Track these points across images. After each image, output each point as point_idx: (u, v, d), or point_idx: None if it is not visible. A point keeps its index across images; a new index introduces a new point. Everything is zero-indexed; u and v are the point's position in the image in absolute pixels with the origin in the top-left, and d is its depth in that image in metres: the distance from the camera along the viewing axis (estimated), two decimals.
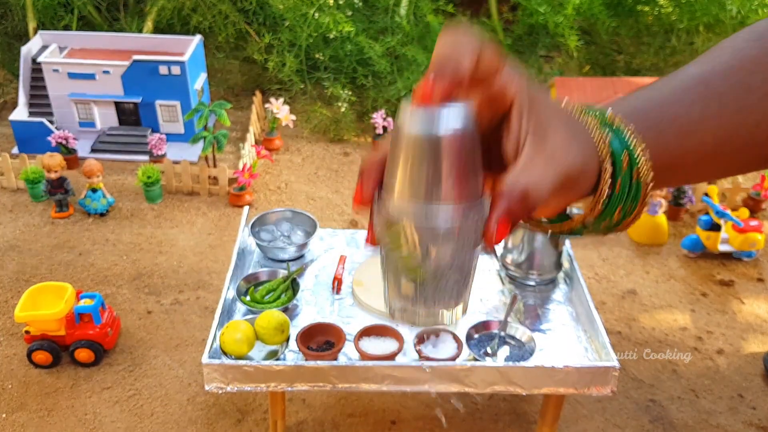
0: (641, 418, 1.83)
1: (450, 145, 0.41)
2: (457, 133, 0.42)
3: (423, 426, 1.79)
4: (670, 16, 3.04)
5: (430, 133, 0.41)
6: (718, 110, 0.54)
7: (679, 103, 0.54)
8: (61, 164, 2.44)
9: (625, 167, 0.50)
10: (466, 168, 0.43)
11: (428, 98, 0.41)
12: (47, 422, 1.76)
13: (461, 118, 0.42)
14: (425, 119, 0.41)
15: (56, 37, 2.93)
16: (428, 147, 0.41)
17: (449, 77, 0.42)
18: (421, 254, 0.44)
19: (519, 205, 0.44)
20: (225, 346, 1.45)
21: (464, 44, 0.43)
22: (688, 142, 0.54)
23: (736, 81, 0.55)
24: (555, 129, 0.46)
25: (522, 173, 0.45)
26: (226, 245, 2.37)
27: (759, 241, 2.33)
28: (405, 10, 2.98)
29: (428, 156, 0.41)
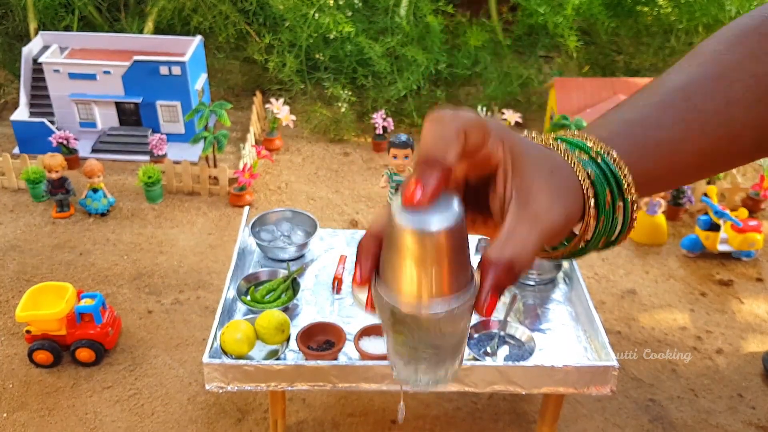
0: (641, 418, 1.84)
1: (441, 244, 0.43)
2: (447, 232, 0.43)
3: (423, 425, 1.79)
4: (670, 17, 3.04)
5: (421, 234, 0.42)
6: (700, 127, 0.54)
7: (661, 126, 0.54)
8: (62, 164, 2.44)
9: (608, 206, 0.51)
10: (457, 262, 0.44)
11: (417, 202, 0.42)
12: (48, 421, 1.77)
13: (450, 218, 0.43)
14: (415, 221, 0.42)
15: (57, 38, 2.94)
16: (420, 247, 0.43)
17: (435, 177, 0.43)
18: (416, 338, 0.47)
19: (506, 276, 0.46)
20: (225, 345, 1.45)
21: (449, 134, 0.44)
22: (671, 161, 0.54)
23: (716, 94, 0.55)
24: (538, 189, 0.48)
25: (507, 244, 0.46)
26: (227, 245, 2.37)
27: (758, 240, 2.34)
28: (405, 10, 2.99)
29: (420, 255, 0.43)
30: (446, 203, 0.43)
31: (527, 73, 3.12)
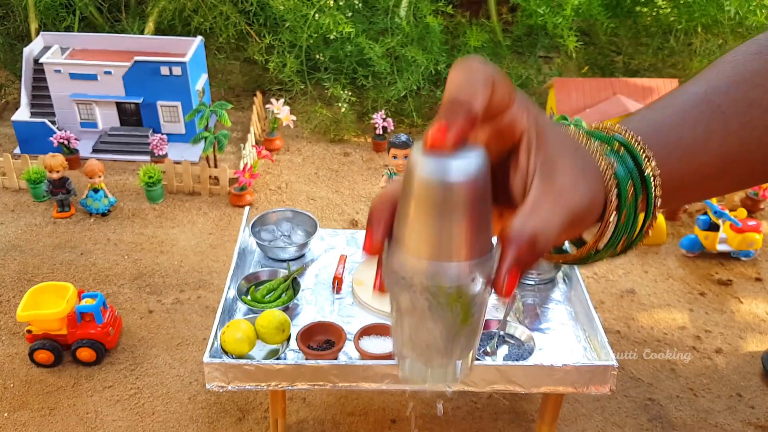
0: (640, 417, 1.84)
1: (463, 195, 0.39)
2: (471, 183, 0.39)
3: (423, 425, 1.80)
4: (669, 17, 3.05)
5: (443, 181, 0.38)
6: (722, 128, 0.53)
7: (683, 125, 0.53)
8: (62, 164, 2.45)
9: (630, 198, 0.49)
10: (479, 220, 0.40)
11: (441, 144, 0.39)
12: (49, 421, 1.77)
13: (475, 166, 0.39)
14: (438, 167, 0.39)
15: (58, 38, 2.95)
16: (440, 198, 0.39)
17: (462, 120, 0.40)
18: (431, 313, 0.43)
19: (528, 252, 0.43)
20: (226, 345, 1.46)
21: (477, 81, 0.41)
22: (693, 163, 0.53)
23: (738, 96, 0.54)
24: (563, 165, 0.45)
25: (530, 217, 0.43)
26: (227, 245, 2.38)
27: (757, 240, 2.34)
28: (405, 11, 2.99)
29: (440, 207, 0.39)
30: (471, 152, 0.39)
31: (527, 73, 3.13)
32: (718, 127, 0.54)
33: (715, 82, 0.56)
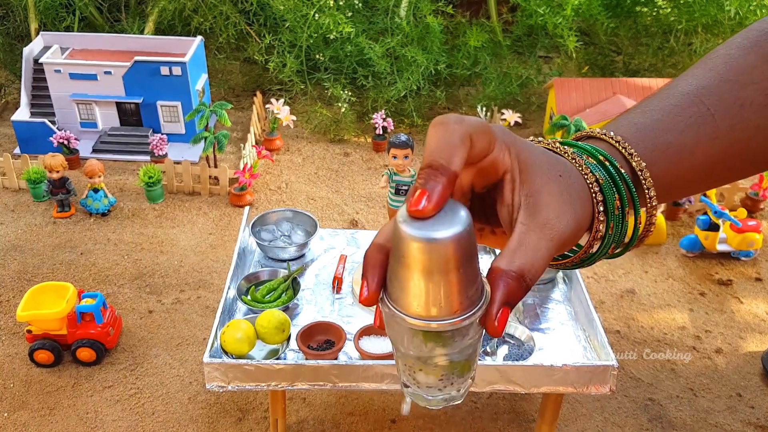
0: (640, 417, 1.84)
1: (448, 255, 0.41)
2: (455, 238, 0.41)
3: (423, 425, 1.80)
4: (669, 17, 3.05)
5: (427, 241, 0.40)
6: (712, 131, 0.53)
7: (671, 130, 0.53)
8: (62, 164, 2.45)
9: (617, 210, 0.50)
10: (467, 272, 0.42)
11: (423, 211, 0.41)
12: (49, 421, 1.77)
13: (458, 223, 0.41)
14: (422, 232, 0.41)
15: (58, 38, 2.95)
16: (427, 259, 0.41)
17: (441, 186, 0.41)
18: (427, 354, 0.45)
19: (516, 289, 0.44)
20: (226, 345, 1.46)
21: (454, 141, 0.43)
22: (681, 167, 0.53)
23: (729, 97, 0.54)
24: (547, 198, 0.46)
25: (516, 254, 0.44)
26: (227, 245, 2.38)
27: (757, 240, 2.34)
28: (405, 11, 2.99)
29: (427, 268, 0.41)
30: (453, 211, 0.42)
31: (527, 73, 3.13)
32: (707, 130, 0.53)
33: (706, 81, 0.55)
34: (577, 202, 0.48)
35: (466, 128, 0.43)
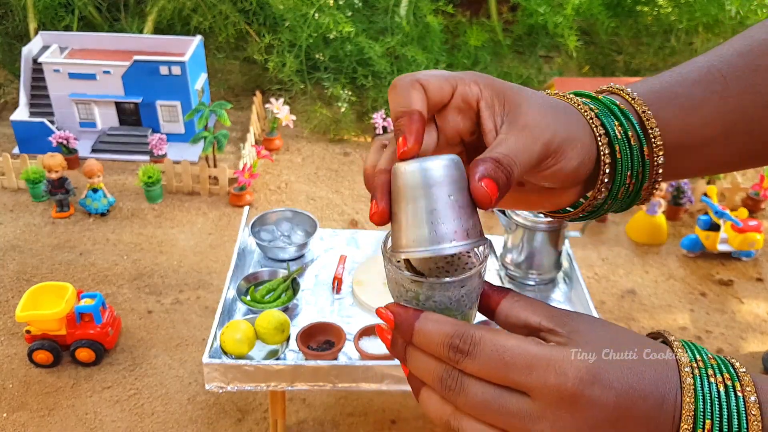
0: None
1: (442, 177, 0.44)
2: (443, 166, 0.44)
3: (423, 425, 1.79)
4: (670, 17, 3.04)
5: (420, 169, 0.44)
6: (721, 89, 0.53)
7: (680, 84, 0.54)
8: (61, 164, 2.44)
9: (620, 135, 0.50)
10: (459, 203, 0.44)
11: (408, 152, 0.44)
12: (48, 421, 1.76)
13: (447, 158, 0.44)
14: (414, 164, 0.44)
15: (57, 38, 2.94)
16: (421, 182, 0.44)
17: (412, 126, 0.44)
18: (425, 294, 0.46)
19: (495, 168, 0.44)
20: (225, 345, 1.45)
21: (403, 91, 0.46)
22: (691, 119, 0.53)
23: (742, 63, 0.54)
24: (526, 108, 0.47)
25: (494, 150, 0.45)
26: (227, 245, 2.38)
27: (758, 240, 2.34)
28: (405, 10, 2.99)
29: (421, 192, 0.44)
30: (440, 154, 0.45)
31: (527, 72, 3.13)
32: (716, 88, 0.53)
33: (722, 52, 0.55)
34: (564, 113, 0.49)
35: (412, 76, 0.46)
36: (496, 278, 1.75)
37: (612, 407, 0.40)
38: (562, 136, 0.47)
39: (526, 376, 0.41)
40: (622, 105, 0.52)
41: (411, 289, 0.45)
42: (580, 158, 0.48)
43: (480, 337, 0.42)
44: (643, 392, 0.41)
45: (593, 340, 0.42)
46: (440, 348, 0.42)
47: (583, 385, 0.40)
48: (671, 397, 0.41)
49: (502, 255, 1.75)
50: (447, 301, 0.45)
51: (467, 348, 0.42)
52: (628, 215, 2.59)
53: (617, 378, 0.41)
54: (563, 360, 0.41)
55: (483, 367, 0.41)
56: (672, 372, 0.42)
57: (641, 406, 0.41)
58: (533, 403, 0.41)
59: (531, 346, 0.41)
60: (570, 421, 0.40)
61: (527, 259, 1.70)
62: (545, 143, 0.46)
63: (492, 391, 0.41)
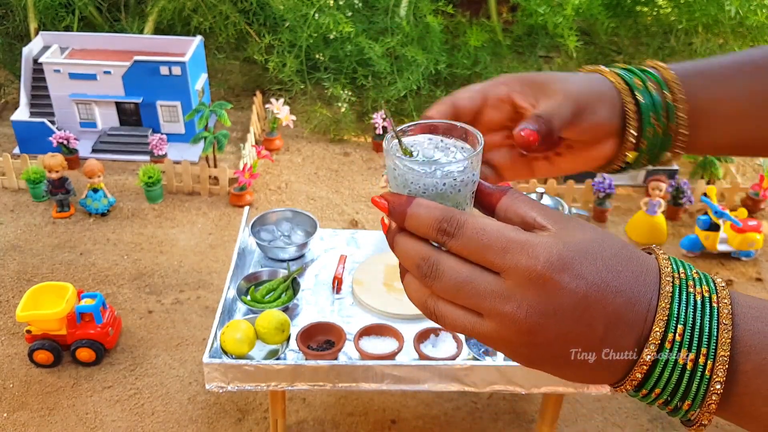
0: (640, 417, 1.84)
1: None
2: None
3: (423, 425, 1.80)
4: (669, 17, 3.04)
5: None
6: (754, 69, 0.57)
7: (710, 63, 0.59)
8: (62, 164, 2.45)
9: (640, 86, 0.56)
10: None
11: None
12: (48, 421, 1.77)
13: None
14: None
15: (57, 38, 2.94)
16: None
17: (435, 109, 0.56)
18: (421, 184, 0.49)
19: (536, 120, 0.52)
20: (225, 345, 1.45)
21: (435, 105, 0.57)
22: (719, 90, 0.57)
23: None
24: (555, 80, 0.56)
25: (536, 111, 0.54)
26: (227, 245, 2.38)
27: (758, 240, 2.34)
28: (405, 10, 2.99)
29: None
30: None
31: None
32: (748, 69, 0.58)
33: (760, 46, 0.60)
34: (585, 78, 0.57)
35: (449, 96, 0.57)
36: None
37: (580, 296, 0.41)
38: (590, 94, 0.55)
39: (501, 257, 0.42)
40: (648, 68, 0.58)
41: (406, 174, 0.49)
42: (609, 110, 0.56)
43: (465, 219, 0.44)
44: (616, 289, 0.42)
45: (579, 239, 0.43)
46: (429, 230, 0.45)
47: (552, 269, 0.41)
48: (645, 300, 0.42)
49: None
50: (440, 186, 0.48)
51: (453, 230, 0.44)
52: (627, 215, 2.59)
53: (590, 271, 0.42)
54: (538, 245, 0.42)
55: (464, 247, 0.44)
56: (652, 277, 0.43)
57: (611, 302, 0.42)
58: (504, 283, 0.42)
59: (511, 231, 0.43)
60: (536, 303, 0.42)
61: None
62: (575, 100, 0.54)
63: (466, 273, 0.43)
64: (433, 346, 1.50)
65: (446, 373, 1.43)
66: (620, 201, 2.68)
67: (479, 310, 0.43)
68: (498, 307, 0.42)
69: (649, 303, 0.42)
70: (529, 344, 0.43)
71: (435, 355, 1.47)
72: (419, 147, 0.52)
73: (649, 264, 0.44)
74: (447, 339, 1.51)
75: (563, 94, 0.54)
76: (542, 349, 0.43)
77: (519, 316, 0.42)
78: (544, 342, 0.42)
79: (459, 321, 0.44)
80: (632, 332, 0.42)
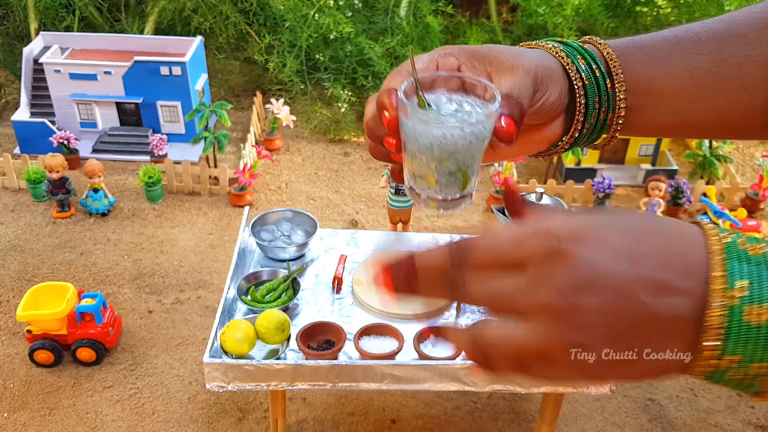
0: (640, 417, 1.84)
1: None
2: None
3: (423, 425, 1.80)
4: (669, 17, 3.04)
5: None
6: (694, 47, 0.55)
7: (651, 39, 0.56)
8: (62, 164, 2.45)
9: (584, 65, 0.55)
10: None
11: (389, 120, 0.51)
12: (49, 421, 1.77)
13: None
14: None
15: (58, 38, 2.94)
16: None
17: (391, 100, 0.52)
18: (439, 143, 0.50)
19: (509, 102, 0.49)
20: (226, 345, 1.46)
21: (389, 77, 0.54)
22: (656, 67, 0.55)
23: (722, 27, 0.55)
24: (506, 54, 0.53)
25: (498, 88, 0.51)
26: (227, 245, 2.38)
27: None
28: (405, 10, 2.99)
29: None
30: None
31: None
32: (688, 45, 0.55)
33: (707, 20, 0.57)
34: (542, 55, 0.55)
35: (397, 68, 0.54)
36: None
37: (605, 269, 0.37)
38: (543, 70, 0.53)
39: (516, 250, 0.40)
40: (586, 47, 0.56)
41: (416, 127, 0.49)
42: (559, 88, 0.54)
43: (472, 239, 0.42)
44: (648, 254, 0.38)
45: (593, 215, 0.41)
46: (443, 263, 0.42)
47: (568, 242, 0.38)
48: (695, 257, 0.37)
49: None
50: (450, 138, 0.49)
51: (464, 253, 0.41)
52: None
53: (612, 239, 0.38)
54: (549, 226, 0.40)
55: (482, 260, 0.41)
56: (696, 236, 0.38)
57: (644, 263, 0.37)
58: (529, 273, 0.39)
59: (520, 227, 0.41)
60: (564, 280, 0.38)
61: None
62: (533, 76, 0.51)
63: (492, 282, 0.40)
64: (433, 345, 1.50)
65: (446, 372, 1.43)
66: (620, 201, 2.68)
67: (519, 310, 0.40)
68: (533, 298, 0.39)
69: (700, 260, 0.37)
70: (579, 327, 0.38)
71: (435, 354, 1.47)
72: (434, 101, 0.52)
73: (687, 227, 0.40)
74: None
75: (522, 69, 0.51)
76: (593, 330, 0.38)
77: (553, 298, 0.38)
78: (589, 322, 0.38)
79: (505, 334, 0.40)
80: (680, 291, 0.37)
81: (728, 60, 0.54)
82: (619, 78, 0.55)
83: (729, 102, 0.55)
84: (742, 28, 0.55)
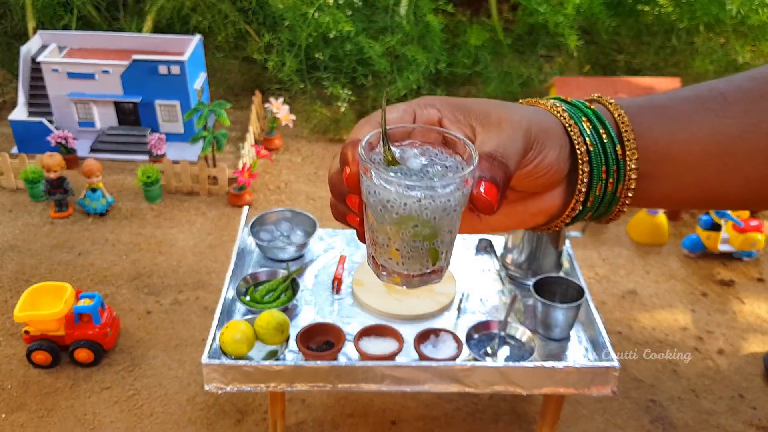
0: (641, 418, 1.83)
1: None
2: None
3: (423, 426, 1.79)
4: (671, 16, 3.03)
5: None
6: (720, 108, 0.48)
7: (669, 99, 0.50)
8: (60, 164, 2.44)
9: (588, 129, 0.48)
10: None
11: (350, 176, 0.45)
12: (47, 422, 1.76)
13: None
14: None
15: (56, 37, 2.93)
16: None
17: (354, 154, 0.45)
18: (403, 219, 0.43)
19: (490, 165, 0.43)
20: (225, 346, 1.45)
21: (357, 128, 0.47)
22: (676, 131, 0.48)
23: (751, 87, 0.49)
24: (496, 108, 0.47)
25: (481, 146, 0.44)
26: (226, 245, 2.37)
27: (759, 240, 2.33)
28: (405, 9, 2.98)
29: None
30: None
31: (528, 72, 3.12)
32: (713, 107, 0.49)
33: (734, 77, 0.51)
34: (539, 112, 0.48)
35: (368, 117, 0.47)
36: (496, 278, 1.74)
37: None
38: (538, 127, 0.46)
39: None
40: (594, 107, 0.49)
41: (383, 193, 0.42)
42: (558, 149, 0.47)
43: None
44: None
45: None
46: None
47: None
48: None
49: (503, 255, 1.75)
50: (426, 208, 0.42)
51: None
52: (629, 215, 2.58)
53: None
54: None
55: None
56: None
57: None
58: None
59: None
60: None
61: (528, 259, 1.70)
62: (524, 132, 0.45)
63: None
64: (434, 346, 1.49)
65: (446, 374, 1.42)
66: None
67: None
68: None
69: None
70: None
71: (435, 355, 1.46)
72: (402, 154, 0.45)
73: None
74: (447, 340, 1.50)
75: (511, 125, 0.45)
76: None
77: None
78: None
79: None
80: None
81: (760, 125, 0.48)
82: (630, 145, 0.48)
83: (760, 173, 0.49)
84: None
